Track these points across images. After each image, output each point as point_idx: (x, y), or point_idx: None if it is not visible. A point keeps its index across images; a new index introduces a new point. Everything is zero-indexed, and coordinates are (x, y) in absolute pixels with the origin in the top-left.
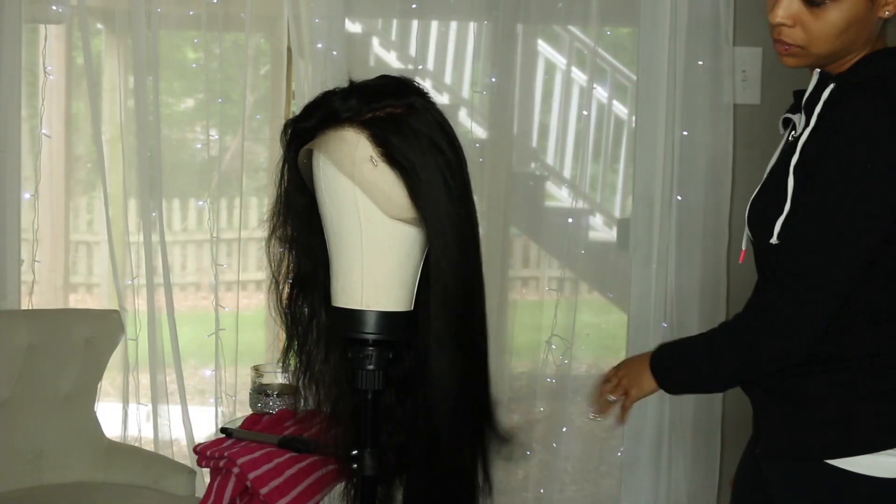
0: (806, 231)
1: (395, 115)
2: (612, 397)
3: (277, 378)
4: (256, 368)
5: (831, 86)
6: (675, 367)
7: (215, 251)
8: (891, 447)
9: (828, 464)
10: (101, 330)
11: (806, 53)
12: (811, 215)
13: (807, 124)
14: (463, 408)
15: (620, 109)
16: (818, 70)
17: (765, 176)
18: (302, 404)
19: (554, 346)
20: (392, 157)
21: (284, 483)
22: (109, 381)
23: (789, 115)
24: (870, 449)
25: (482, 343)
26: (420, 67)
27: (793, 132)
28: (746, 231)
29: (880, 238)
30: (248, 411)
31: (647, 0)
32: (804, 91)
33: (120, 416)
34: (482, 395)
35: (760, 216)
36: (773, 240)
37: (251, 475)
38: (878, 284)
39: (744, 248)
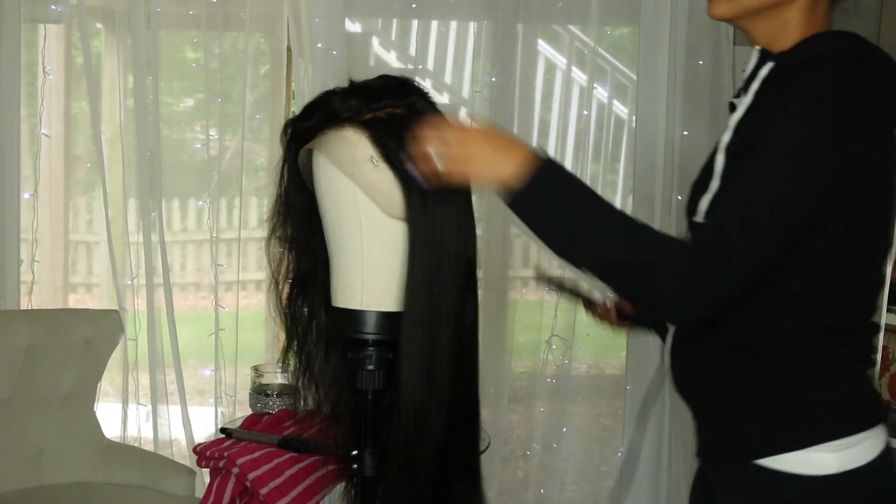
0: (735, 197)
1: (395, 115)
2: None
3: (277, 378)
4: (256, 368)
5: (770, 64)
6: (553, 193)
7: (215, 251)
8: (816, 443)
9: (757, 464)
10: (101, 330)
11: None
12: (746, 181)
13: (744, 103)
14: (431, 421)
15: (620, 109)
16: (758, 48)
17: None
18: (302, 404)
19: (554, 346)
20: (390, 158)
21: (284, 483)
22: (109, 381)
23: (733, 100)
24: (796, 446)
25: (469, 355)
26: (420, 67)
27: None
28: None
29: (811, 219)
30: (248, 411)
31: (647, 0)
32: None
33: (120, 416)
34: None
35: (691, 199)
36: (699, 218)
37: (251, 475)
38: (798, 275)
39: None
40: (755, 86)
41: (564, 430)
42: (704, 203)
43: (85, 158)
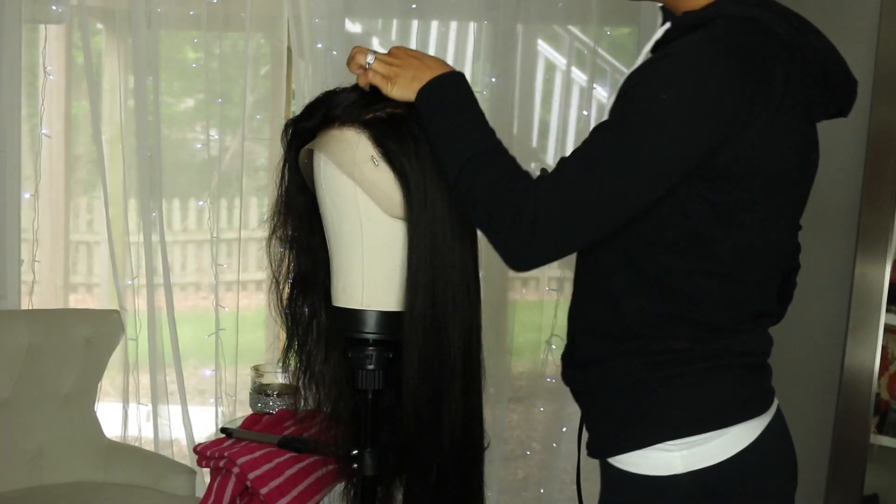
0: (586, 146)
1: (396, 116)
2: (369, 60)
3: (277, 378)
4: (256, 368)
5: (667, 25)
6: (446, 102)
7: (215, 251)
8: (657, 441)
9: (609, 462)
10: (101, 330)
11: None
12: (599, 132)
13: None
14: (431, 412)
15: None
16: (660, 6)
17: None
18: (302, 404)
19: (554, 346)
20: (391, 158)
21: (284, 483)
22: (109, 381)
23: None
24: (638, 445)
25: (470, 360)
26: None
27: None
28: None
29: (651, 187)
30: (248, 411)
31: None
32: None
33: (120, 416)
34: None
35: None
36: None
37: (251, 475)
38: (659, 257)
39: None
40: (647, 47)
41: (564, 430)
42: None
43: (85, 158)
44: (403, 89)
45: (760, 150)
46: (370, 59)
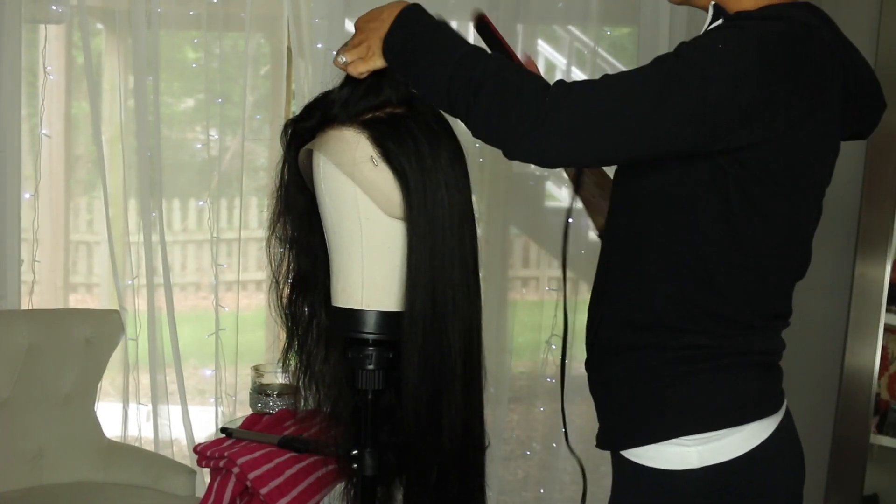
0: (634, 72)
1: (395, 116)
2: (340, 60)
3: (277, 378)
4: (256, 368)
5: (717, 22)
6: (417, 33)
7: (215, 251)
8: (676, 436)
9: (623, 455)
10: (101, 330)
11: None
12: (652, 64)
13: None
14: (432, 415)
15: None
16: (713, 3)
17: None
18: (302, 404)
19: (554, 346)
20: (390, 159)
21: (284, 483)
22: (109, 381)
23: None
24: (657, 438)
25: (471, 360)
26: None
27: None
28: None
29: (680, 134)
30: (248, 411)
31: (647, 0)
32: None
33: (120, 416)
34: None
35: None
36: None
37: (251, 475)
38: (685, 245)
39: None
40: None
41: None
42: None
43: (85, 158)
44: (379, 58)
45: (804, 154)
46: (341, 59)
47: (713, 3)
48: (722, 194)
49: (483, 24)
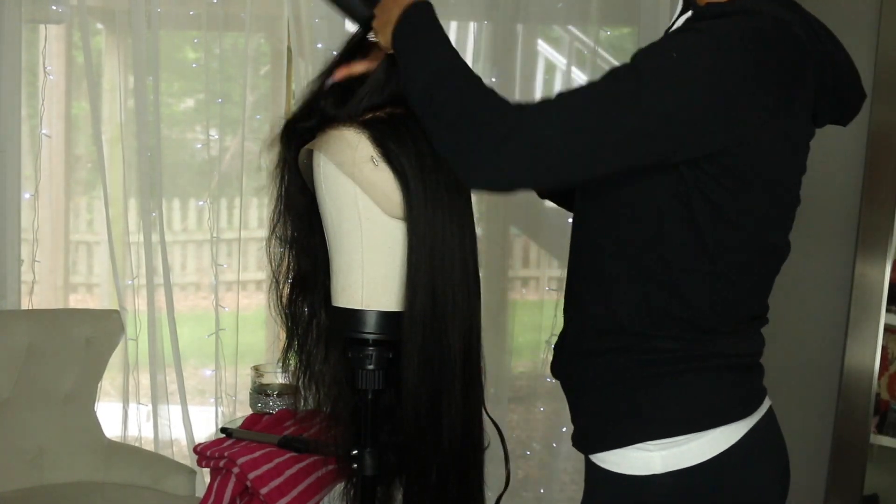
0: (588, 85)
1: (395, 116)
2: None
3: (277, 378)
4: (256, 368)
5: (686, 14)
6: (421, 37)
7: (215, 251)
8: (637, 441)
9: (590, 460)
10: (101, 330)
11: None
12: (605, 77)
13: None
14: (432, 417)
15: None
16: None
17: None
18: (302, 404)
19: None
20: (390, 159)
21: (284, 483)
22: (109, 381)
23: None
24: (618, 444)
25: (469, 359)
26: None
27: None
28: None
29: (644, 147)
30: (248, 411)
31: (646, 0)
32: None
33: (120, 416)
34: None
35: None
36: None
37: (251, 475)
38: (646, 247)
39: None
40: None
41: (564, 430)
42: None
43: (85, 158)
44: (384, 35)
45: (769, 153)
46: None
47: None
48: (683, 201)
49: None
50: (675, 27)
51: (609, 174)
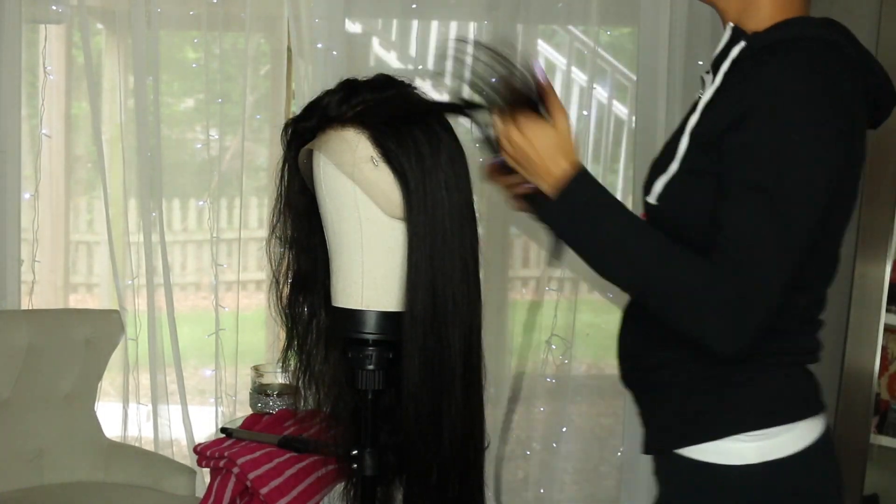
0: (748, 214)
1: (393, 114)
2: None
3: (277, 378)
4: (256, 368)
5: (741, 44)
6: (589, 217)
7: (215, 251)
8: (735, 433)
9: (678, 454)
10: (101, 330)
11: None
12: (750, 195)
13: (712, 83)
14: (432, 416)
15: (620, 109)
16: (731, 25)
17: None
18: (302, 404)
19: (554, 346)
20: (390, 158)
21: (284, 483)
22: (109, 381)
23: (703, 75)
24: (714, 435)
25: (471, 359)
26: (420, 67)
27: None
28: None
29: (821, 217)
30: (248, 411)
31: (646, 0)
32: None
33: (120, 416)
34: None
35: (649, 178)
36: (652, 199)
37: (251, 475)
38: None
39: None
40: (725, 66)
41: (564, 429)
42: (660, 185)
43: (85, 158)
44: (541, 183)
45: (842, 175)
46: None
47: (731, 24)
48: None
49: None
50: (729, 57)
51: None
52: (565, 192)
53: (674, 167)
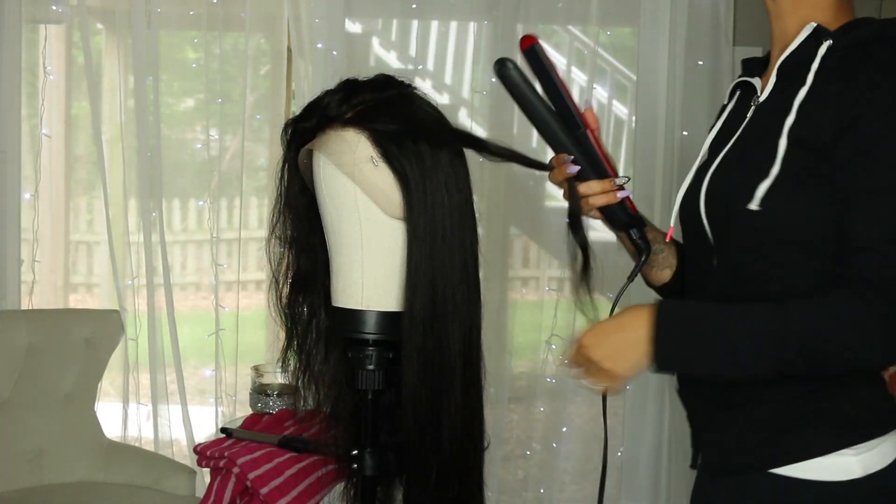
0: (880, 220)
1: (394, 112)
2: (591, 385)
3: (277, 378)
4: (256, 368)
5: (827, 42)
6: (692, 343)
7: (215, 251)
8: (841, 447)
9: (773, 473)
10: (101, 330)
11: None
12: (878, 201)
13: (786, 84)
14: (431, 415)
15: (620, 109)
16: (813, 24)
17: (704, 149)
18: (302, 404)
19: (554, 346)
20: (390, 159)
21: (284, 483)
22: (109, 381)
23: (748, 79)
24: (817, 452)
25: (470, 359)
26: (420, 67)
27: (755, 97)
28: (676, 209)
29: None
30: (248, 411)
31: (647, 0)
32: (758, 58)
33: (120, 416)
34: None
35: (730, 187)
36: (754, 206)
37: (251, 475)
38: (828, 273)
39: (672, 225)
40: (815, 65)
41: (564, 429)
42: (762, 189)
43: (85, 158)
44: (622, 369)
45: None
46: (589, 385)
47: (813, 24)
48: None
49: (532, 51)
50: (819, 55)
51: None
52: (659, 336)
53: (775, 170)
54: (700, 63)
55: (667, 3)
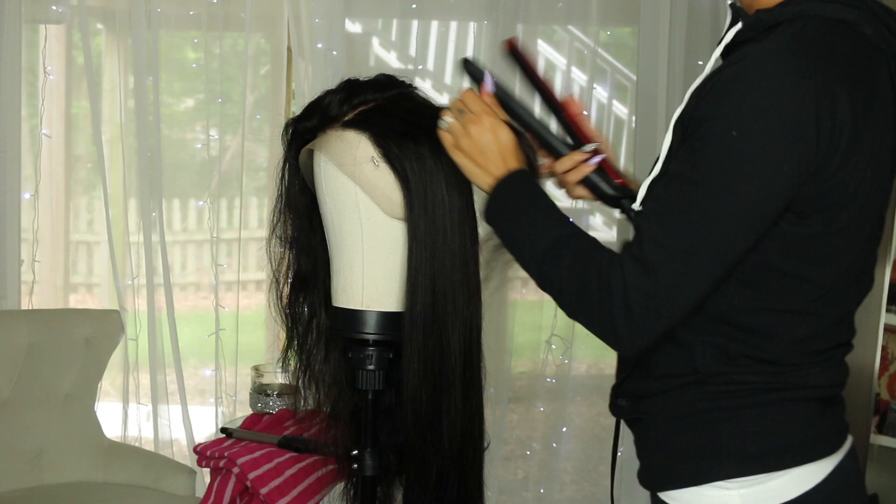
0: (683, 204)
1: (394, 112)
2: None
3: (277, 378)
4: (256, 368)
5: (738, 25)
6: (513, 214)
7: (215, 251)
8: (714, 479)
9: (659, 497)
10: (101, 330)
11: None
12: (691, 184)
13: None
14: (431, 417)
15: (620, 109)
16: (730, 3)
17: None
18: (302, 404)
19: (554, 346)
20: (391, 159)
21: (284, 483)
22: (109, 381)
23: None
24: (691, 481)
25: (470, 359)
26: (420, 67)
27: None
28: None
29: (759, 228)
30: (248, 411)
31: (646, 0)
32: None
33: (120, 416)
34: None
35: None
36: (636, 205)
37: (251, 475)
38: (717, 292)
39: None
40: (718, 51)
41: (564, 429)
42: (644, 187)
43: (85, 158)
44: (476, 178)
45: (848, 176)
46: (444, 123)
47: (729, 2)
48: (775, 245)
49: (514, 52)
50: (724, 40)
51: (729, 270)
52: (499, 188)
53: (657, 168)
54: (700, 63)
55: (667, 3)
